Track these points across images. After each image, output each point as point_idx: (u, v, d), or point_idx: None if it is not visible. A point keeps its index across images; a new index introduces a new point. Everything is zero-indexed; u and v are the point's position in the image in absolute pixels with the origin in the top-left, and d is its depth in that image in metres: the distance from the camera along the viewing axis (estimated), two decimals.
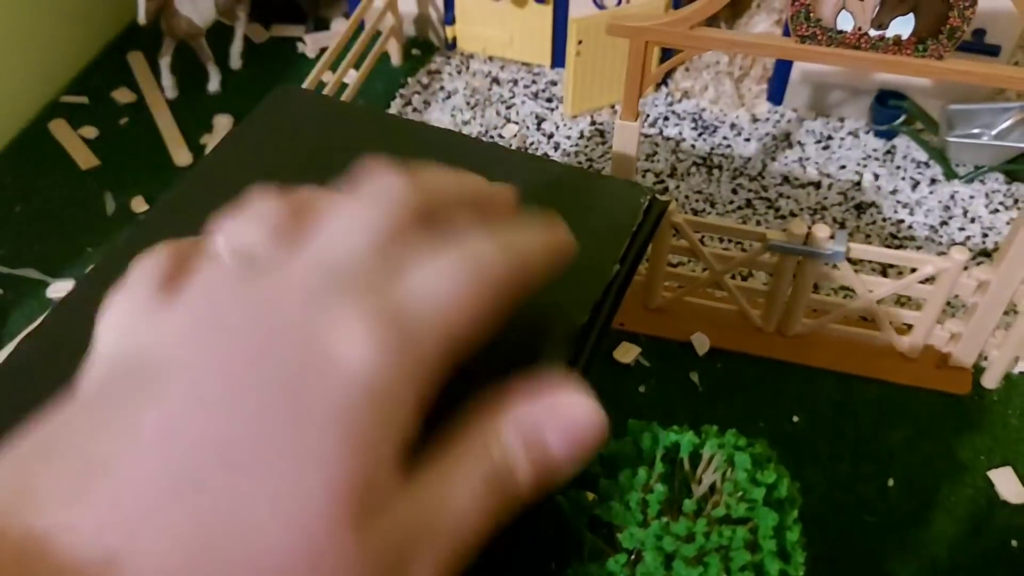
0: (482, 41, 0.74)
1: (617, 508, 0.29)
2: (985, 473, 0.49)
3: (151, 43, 0.72)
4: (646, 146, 0.67)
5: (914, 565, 0.46)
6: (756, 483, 0.29)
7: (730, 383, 0.54)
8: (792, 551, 0.28)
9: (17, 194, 0.63)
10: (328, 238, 0.24)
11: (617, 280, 0.34)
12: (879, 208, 0.63)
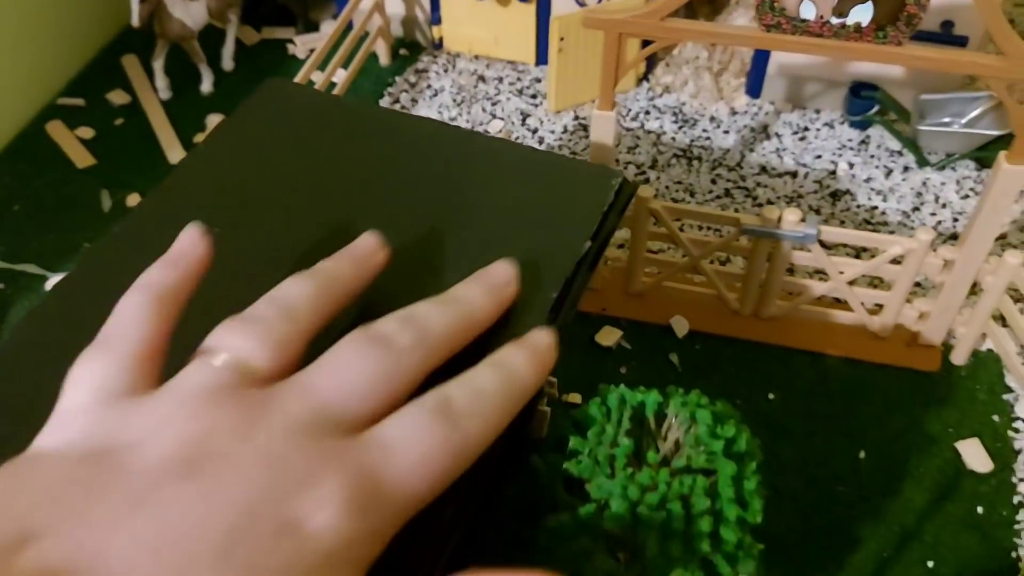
0: (468, 40, 0.76)
1: (587, 462, 0.31)
2: (953, 445, 0.51)
3: (145, 46, 0.74)
4: (628, 139, 0.69)
5: (884, 532, 0.48)
6: (716, 437, 0.30)
7: (708, 364, 0.55)
8: (750, 499, 0.30)
9: (16, 193, 0.65)
10: (329, 375, 0.25)
11: (588, 257, 0.36)
12: (853, 195, 0.65)
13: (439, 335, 0.28)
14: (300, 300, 0.28)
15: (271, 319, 0.27)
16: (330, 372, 0.26)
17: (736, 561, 0.30)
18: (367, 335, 0.27)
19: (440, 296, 0.30)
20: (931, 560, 0.47)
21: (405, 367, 0.26)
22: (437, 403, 0.26)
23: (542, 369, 0.29)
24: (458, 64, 0.76)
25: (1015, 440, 0.51)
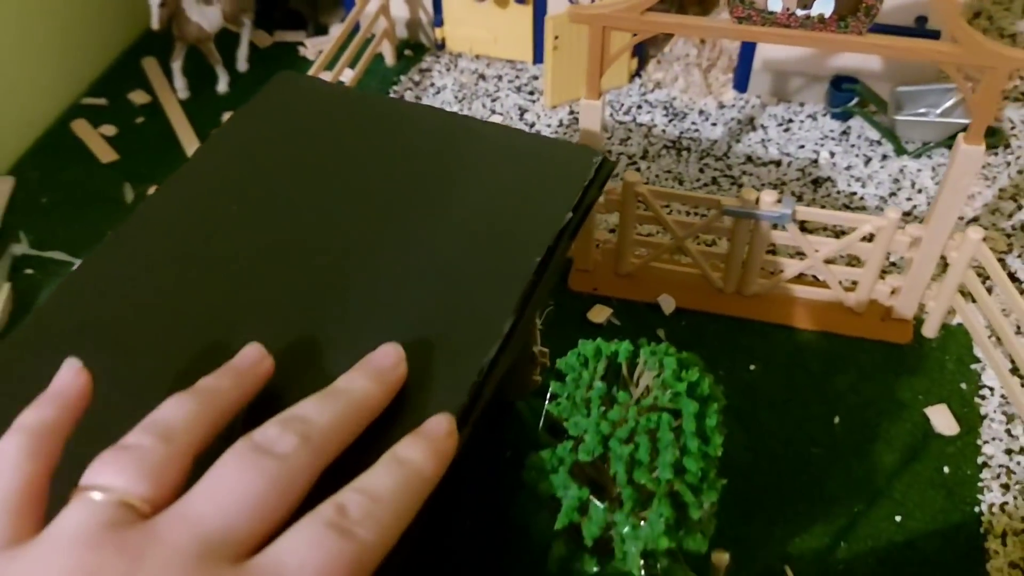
0: (469, 41, 0.80)
1: (565, 404, 0.34)
2: (922, 410, 0.54)
3: (164, 49, 0.78)
4: (620, 132, 0.73)
5: (856, 490, 0.51)
6: (680, 380, 0.34)
7: (693, 338, 0.59)
8: (711, 434, 0.33)
9: (44, 186, 0.69)
10: (211, 498, 0.25)
11: (570, 226, 0.40)
12: (834, 182, 0.68)
13: (325, 432, 0.28)
14: (178, 422, 0.27)
15: (147, 447, 0.26)
16: (213, 494, 0.25)
17: (700, 492, 0.34)
18: (248, 446, 0.26)
19: (323, 391, 0.29)
20: (899, 515, 0.50)
21: (293, 473, 0.26)
22: (330, 515, 0.25)
23: (442, 459, 0.29)
24: (460, 63, 0.80)
25: (981, 406, 0.55)
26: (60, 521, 0.25)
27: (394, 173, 0.42)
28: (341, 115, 0.45)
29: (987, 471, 0.52)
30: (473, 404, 0.33)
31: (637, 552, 0.33)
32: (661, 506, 0.33)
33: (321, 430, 0.28)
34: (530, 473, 0.35)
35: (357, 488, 0.27)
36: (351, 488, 0.27)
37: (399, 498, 0.27)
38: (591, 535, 0.33)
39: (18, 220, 0.67)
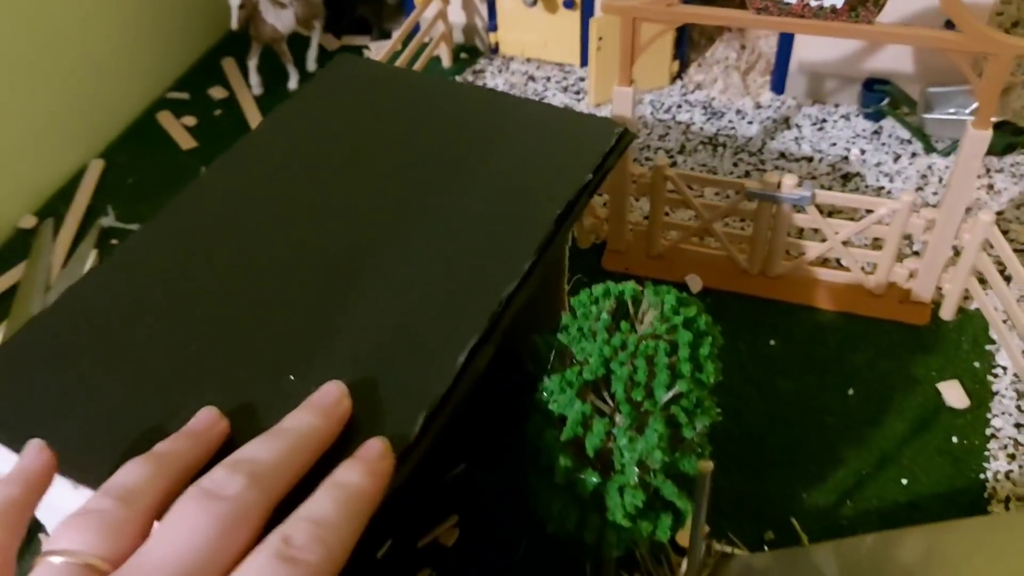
0: (521, 45, 0.85)
1: (574, 334, 0.39)
2: (935, 385, 0.57)
3: (241, 50, 0.85)
4: (660, 128, 0.77)
5: (865, 455, 0.54)
6: (678, 314, 0.38)
7: (718, 315, 0.61)
8: (704, 362, 0.37)
9: (130, 168, 0.77)
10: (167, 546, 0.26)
11: (590, 186, 0.44)
12: (863, 177, 0.71)
13: (272, 469, 0.29)
14: (136, 484, 0.28)
15: (106, 509, 0.27)
16: (167, 542, 0.26)
17: (693, 416, 0.38)
18: (197, 492, 0.28)
19: (269, 431, 0.31)
20: (905, 478, 0.53)
21: (242, 512, 0.27)
22: (276, 546, 0.27)
23: (380, 478, 0.31)
24: (511, 66, 0.85)
25: (993, 384, 0.57)
26: None
27: (437, 139, 0.47)
28: (392, 91, 0.50)
29: (995, 442, 0.54)
30: (492, 330, 0.38)
31: (632, 462, 0.37)
32: (656, 422, 0.37)
33: (268, 468, 0.29)
34: (541, 395, 0.39)
35: (300, 516, 0.28)
36: (294, 517, 0.28)
37: (342, 519, 0.28)
38: (593, 447, 0.37)
39: (106, 197, 0.74)
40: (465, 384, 0.36)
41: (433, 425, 0.35)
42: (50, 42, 0.72)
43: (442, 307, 0.38)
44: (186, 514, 0.27)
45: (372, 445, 0.32)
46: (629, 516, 0.38)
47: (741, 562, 0.43)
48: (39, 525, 0.50)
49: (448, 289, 0.39)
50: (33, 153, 0.73)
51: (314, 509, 0.28)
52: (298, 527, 0.27)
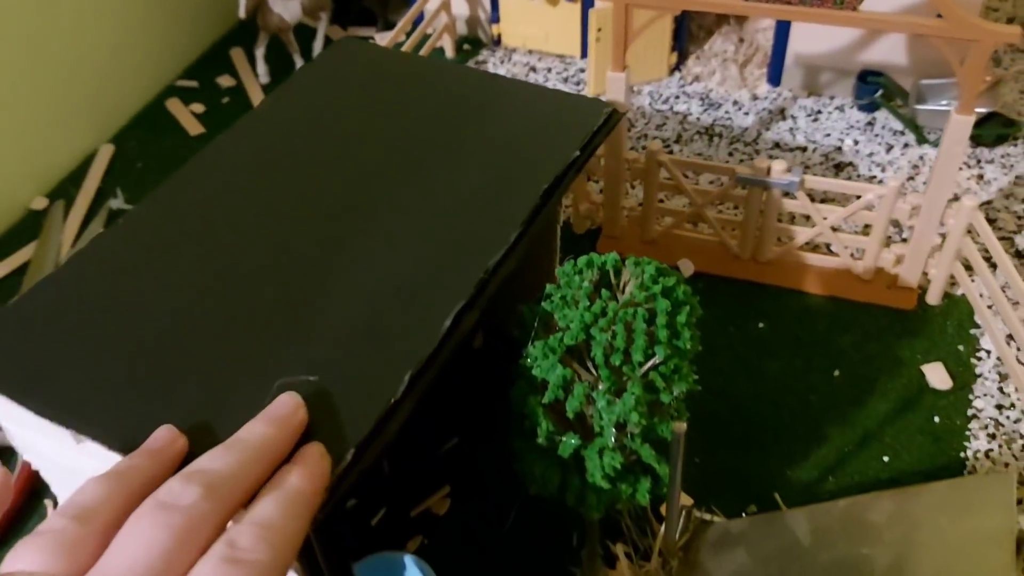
0: (523, 37, 0.86)
1: (557, 302, 0.40)
2: (919, 367, 0.58)
3: (249, 40, 0.87)
4: (657, 118, 0.79)
5: (849, 433, 0.55)
6: (657, 283, 0.39)
7: (708, 298, 0.63)
8: (681, 329, 0.38)
9: (140, 153, 0.79)
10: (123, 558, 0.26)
11: (577, 163, 0.46)
12: (855, 167, 0.73)
13: (226, 480, 0.29)
14: (93, 503, 0.28)
15: (61, 528, 0.27)
16: (124, 554, 0.27)
17: (671, 382, 0.39)
18: (152, 504, 0.28)
19: (224, 442, 0.32)
20: (887, 455, 0.54)
21: (197, 522, 0.28)
22: (222, 551, 0.27)
23: (318, 479, 0.31)
24: (514, 57, 0.87)
25: (976, 366, 0.58)
26: None
27: (431, 117, 0.49)
28: (390, 72, 0.52)
29: (976, 422, 0.55)
30: (478, 296, 0.39)
31: (611, 424, 0.38)
32: (634, 385, 0.38)
33: (222, 478, 0.29)
34: (525, 360, 0.40)
35: (244, 521, 0.29)
36: (239, 524, 0.29)
37: (286, 520, 0.29)
38: (573, 409, 0.39)
39: (116, 180, 0.76)
40: (450, 347, 0.38)
41: (418, 384, 0.36)
42: (64, 31, 0.74)
43: (431, 274, 0.40)
44: (141, 526, 0.27)
45: (310, 450, 0.33)
46: (608, 478, 0.40)
47: (719, 528, 0.44)
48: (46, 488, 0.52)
49: (437, 257, 0.41)
50: (46, 137, 0.75)
51: (257, 512, 0.29)
52: (243, 531, 0.28)
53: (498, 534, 0.52)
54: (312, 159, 0.47)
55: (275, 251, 0.42)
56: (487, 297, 0.40)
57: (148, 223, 0.44)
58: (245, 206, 0.44)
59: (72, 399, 0.36)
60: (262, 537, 0.28)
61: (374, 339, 0.38)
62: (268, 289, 0.40)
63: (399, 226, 0.42)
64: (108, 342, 0.38)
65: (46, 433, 0.37)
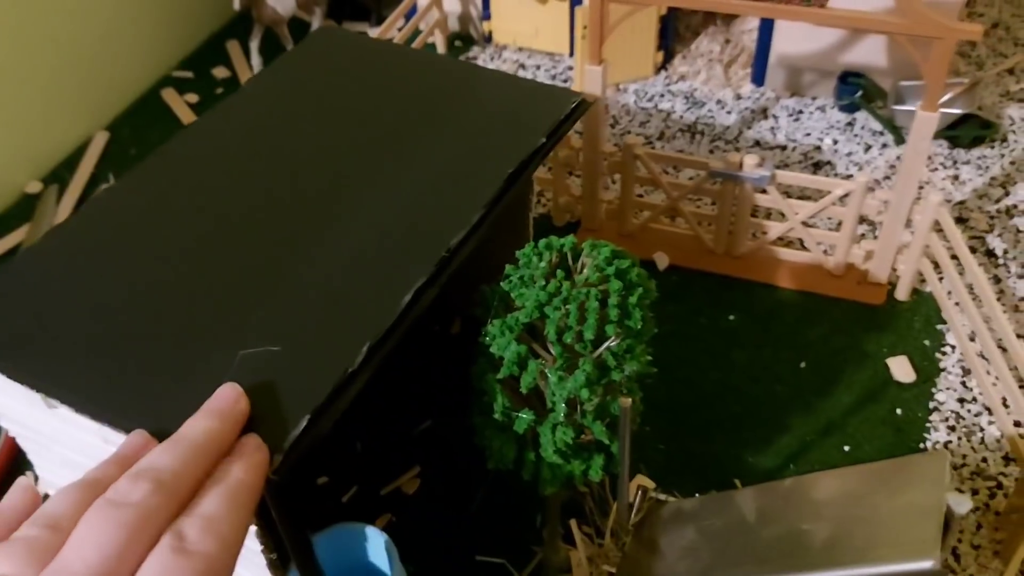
0: (513, 34, 0.88)
1: (515, 281, 0.41)
2: (884, 361, 0.59)
3: (245, 34, 0.88)
4: (641, 115, 0.80)
5: (812, 423, 0.56)
6: (611, 265, 0.41)
7: (681, 291, 0.65)
8: (632, 310, 0.40)
9: (134, 140, 0.80)
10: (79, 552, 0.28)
11: (543, 150, 0.47)
12: (833, 165, 0.74)
13: (173, 473, 0.31)
14: (63, 511, 0.30)
15: (33, 536, 0.29)
16: (79, 552, 0.28)
17: (623, 361, 0.40)
18: (103, 502, 0.29)
19: (169, 439, 0.33)
20: (848, 445, 0.55)
21: (147, 515, 0.29)
22: (171, 543, 0.29)
23: (259, 468, 0.33)
24: (504, 54, 0.88)
25: (941, 361, 0.59)
26: None
27: (404, 102, 0.50)
28: (367, 59, 0.54)
29: (936, 415, 0.56)
30: (439, 274, 0.41)
31: (562, 399, 0.40)
32: (585, 363, 0.39)
33: (169, 473, 0.31)
34: (485, 338, 0.42)
35: (189, 514, 0.30)
36: (185, 516, 0.30)
37: (230, 510, 0.31)
38: (527, 384, 0.40)
39: (109, 167, 0.78)
40: (408, 320, 0.39)
41: (376, 356, 0.38)
42: (63, 20, 0.76)
43: (394, 251, 0.41)
44: (94, 523, 0.29)
45: (247, 442, 0.34)
46: (561, 453, 0.41)
47: (672, 506, 0.45)
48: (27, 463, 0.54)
49: (401, 235, 0.42)
50: (42, 123, 0.77)
51: (202, 505, 0.30)
52: (189, 523, 0.29)
53: (464, 514, 0.53)
54: (286, 139, 0.48)
55: (243, 226, 0.43)
56: (448, 274, 0.41)
57: (125, 198, 0.45)
58: (219, 183, 0.46)
59: (45, 364, 0.38)
60: (207, 529, 0.29)
61: (336, 311, 0.39)
62: (236, 262, 0.41)
63: (366, 205, 0.44)
64: (82, 311, 0.40)
65: (21, 399, 0.39)
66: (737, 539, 0.40)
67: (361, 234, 0.42)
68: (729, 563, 0.39)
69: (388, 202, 0.44)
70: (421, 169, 0.46)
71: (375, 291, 0.40)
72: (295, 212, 0.44)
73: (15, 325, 0.39)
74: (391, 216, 0.43)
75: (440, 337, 0.59)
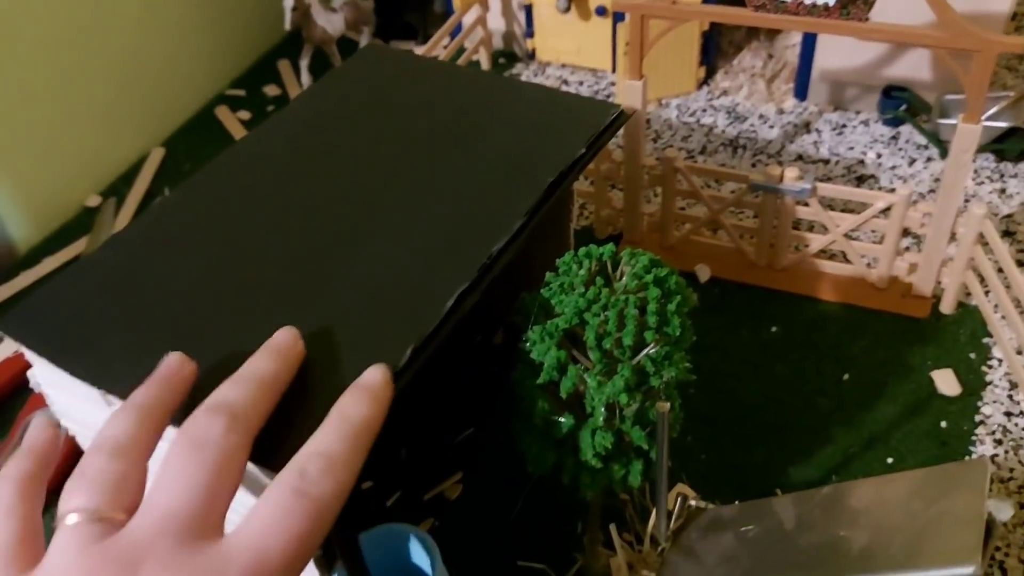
0: (556, 51, 0.89)
1: (555, 289, 0.42)
2: (929, 374, 0.59)
3: (296, 53, 0.91)
4: (683, 130, 0.81)
5: (854, 435, 0.56)
6: (649, 273, 0.41)
7: (723, 303, 0.65)
8: (670, 317, 0.40)
9: (189, 156, 0.83)
10: (168, 490, 0.29)
11: (583, 159, 0.48)
12: (877, 179, 0.74)
13: (246, 409, 0.32)
14: (124, 438, 0.31)
15: (100, 466, 0.30)
16: (168, 489, 0.29)
17: (661, 367, 0.41)
18: (185, 439, 0.31)
19: (235, 375, 0.34)
20: (891, 458, 0.55)
21: (229, 452, 0.30)
22: (291, 480, 0.30)
23: (381, 404, 0.34)
24: (547, 71, 0.90)
25: (987, 374, 0.59)
26: (50, 552, 0.29)
27: (448, 115, 0.52)
28: (412, 74, 0.55)
29: (983, 428, 0.56)
30: (480, 280, 0.42)
31: (601, 404, 0.40)
32: (624, 368, 0.40)
33: (243, 409, 0.32)
34: (525, 344, 0.43)
35: (312, 451, 0.31)
36: (307, 451, 0.31)
37: (350, 452, 0.31)
38: (566, 390, 0.41)
39: (165, 181, 0.81)
40: (450, 325, 0.40)
41: (419, 358, 0.39)
42: (122, 42, 0.79)
43: (437, 258, 0.43)
44: (181, 464, 0.30)
45: (374, 374, 0.35)
46: (600, 458, 0.42)
47: (710, 513, 0.46)
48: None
49: (444, 242, 0.43)
50: (104, 140, 0.80)
51: (325, 443, 0.31)
52: (312, 461, 0.30)
53: (506, 519, 0.54)
54: (335, 151, 0.50)
55: (291, 232, 0.45)
56: (489, 280, 0.42)
57: (178, 208, 0.47)
58: (267, 193, 0.48)
59: (103, 362, 0.39)
60: (328, 470, 0.30)
61: (380, 315, 0.40)
62: (283, 267, 0.43)
63: (411, 214, 0.45)
64: (139, 313, 0.41)
65: (81, 397, 0.41)
66: (775, 546, 0.40)
67: (405, 241, 0.44)
68: (767, 570, 0.39)
69: (431, 210, 0.45)
70: (463, 179, 0.47)
71: (418, 296, 0.41)
72: (341, 219, 0.45)
73: (77, 326, 0.41)
74: (433, 224, 0.44)
75: (483, 347, 0.60)
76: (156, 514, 0.29)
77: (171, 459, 0.30)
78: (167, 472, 0.30)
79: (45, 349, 0.40)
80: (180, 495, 0.29)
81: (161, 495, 0.29)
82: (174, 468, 0.30)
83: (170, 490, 0.29)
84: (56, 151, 0.76)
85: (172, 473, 0.30)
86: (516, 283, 0.45)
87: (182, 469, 0.30)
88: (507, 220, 0.44)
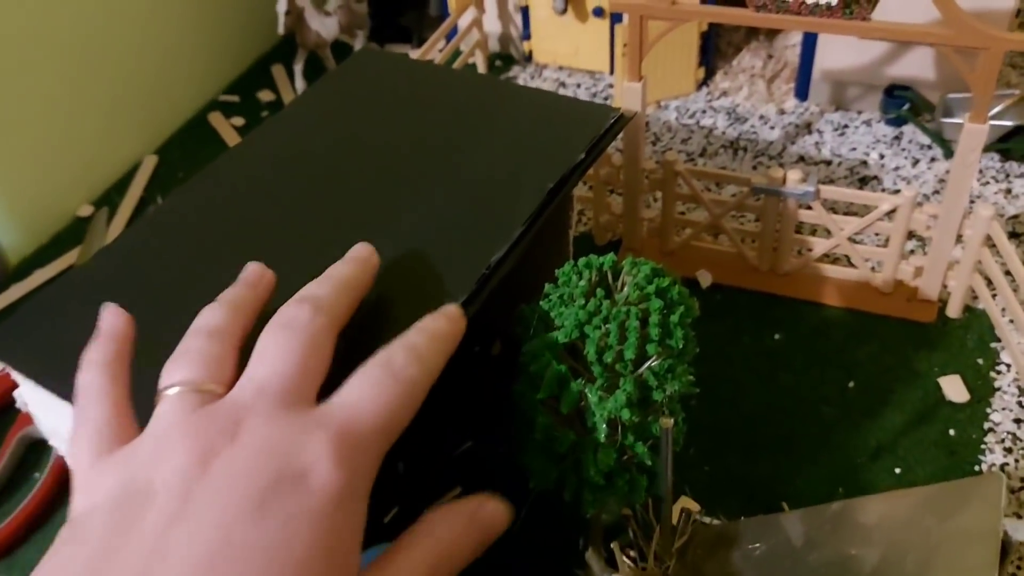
0: (553, 53, 0.88)
1: (555, 300, 0.41)
2: (936, 380, 0.58)
3: (290, 58, 0.90)
4: (683, 132, 0.79)
5: (861, 444, 0.55)
6: (651, 283, 0.40)
7: (724, 309, 0.64)
8: (673, 328, 0.39)
9: (183, 163, 0.82)
10: (265, 365, 0.31)
11: (583, 164, 0.47)
12: (880, 180, 0.72)
13: (330, 302, 0.35)
14: (219, 324, 0.34)
15: (199, 346, 0.33)
16: (265, 361, 0.32)
17: (664, 381, 0.40)
18: (278, 322, 0.33)
19: (319, 277, 0.37)
20: (899, 468, 0.53)
21: (317, 332, 0.33)
22: (384, 362, 0.32)
23: (457, 328, 0.36)
24: (544, 73, 0.88)
25: (996, 380, 0.57)
26: (154, 419, 0.31)
27: (445, 119, 0.51)
28: (408, 78, 0.54)
29: (992, 436, 0.54)
30: (480, 289, 0.41)
31: (603, 420, 0.39)
32: (626, 383, 0.39)
33: (328, 300, 0.35)
34: (524, 358, 0.41)
35: (399, 343, 0.34)
36: (394, 344, 0.34)
37: (431, 352, 0.34)
38: (567, 405, 0.40)
39: (158, 189, 0.79)
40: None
41: None
42: (112, 46, 0.78)
43: (436, 267, 0.42)
44: (275, 341, 0.32)
45: (449, 307, 0.37)
46: (603, 474, 0.41)
47: (716, 529, 0.44)
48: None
49: (442, 252, 0.42)
50: (96, 149, 0.79)
51: (411, 339, 0.34)
52: (399, 349, 0.33)
53: (506, 534, 0.53)
54: (329, 157, 0.49)
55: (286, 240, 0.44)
56: (488, 291, 0.41)
57: (171, 217, 0.46)
58: (260, 199, 0.47)
59: None
60: (415, 357, 0.33)
61: (380, 324, 0.39)
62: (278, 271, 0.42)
63: (405, 221, 0.44)
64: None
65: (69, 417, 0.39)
66: (783, 564, 0.39)
67: (402, 252, 0.43)
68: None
69: (428, 218, 0.44)
70: (460, 185, 0.46)
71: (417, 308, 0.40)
72: (335, 226, 0.44)
73: (64, 343, 0.40)
74: (430, 232, 0.43)
75: (481, 358, 0.59)
76: (255, 383, 0.31)
77: (264, 340, 0.32)
78: (261, 351, 0.32)
79: (30, 369, 0.39)
80: (275, 366, 0.31)
81: (257, 368, 0.31)
82: (267, 346, 0.32)
83: (265, 363, 0.31)
84: (47, 159, 0.75)
85: (266, 351, 0.32)
86: (514, 292, 0.44)
87: (276, 345, 0.32)
88: (506, 227, 0.43)
